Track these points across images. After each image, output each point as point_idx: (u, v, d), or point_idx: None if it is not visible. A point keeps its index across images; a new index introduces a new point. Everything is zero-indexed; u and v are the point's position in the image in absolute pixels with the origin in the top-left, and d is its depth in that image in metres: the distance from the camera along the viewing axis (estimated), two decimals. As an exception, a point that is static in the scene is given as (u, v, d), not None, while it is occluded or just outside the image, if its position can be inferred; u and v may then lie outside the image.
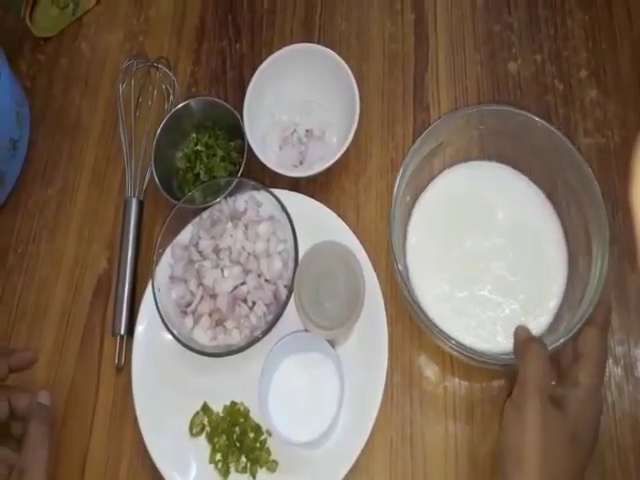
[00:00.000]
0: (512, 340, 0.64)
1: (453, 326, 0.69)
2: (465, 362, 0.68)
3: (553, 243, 0.72)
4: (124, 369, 0.76)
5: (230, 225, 0.75)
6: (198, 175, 0.82)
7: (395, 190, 0.68)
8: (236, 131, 0.80)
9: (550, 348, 0.61)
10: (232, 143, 0.83)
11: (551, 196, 0.73)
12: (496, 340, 0.69)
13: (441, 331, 0.65)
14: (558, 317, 0.69)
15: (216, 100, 0.82)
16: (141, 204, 0.83)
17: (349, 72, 0.78)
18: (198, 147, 0.83)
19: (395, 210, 0.68)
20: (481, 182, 0.75)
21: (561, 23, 0.85)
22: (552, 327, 0.69)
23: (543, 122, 0.68)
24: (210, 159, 0.82)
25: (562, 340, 0.62)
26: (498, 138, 0.73)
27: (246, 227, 0.76)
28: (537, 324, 0.69)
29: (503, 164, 0.75)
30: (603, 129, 0.80)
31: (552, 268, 0.71)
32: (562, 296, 0.70)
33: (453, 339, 0.65)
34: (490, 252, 0.72)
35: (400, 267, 0.66)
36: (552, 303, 0.70)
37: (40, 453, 0.64)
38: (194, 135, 0.84)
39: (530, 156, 0.73)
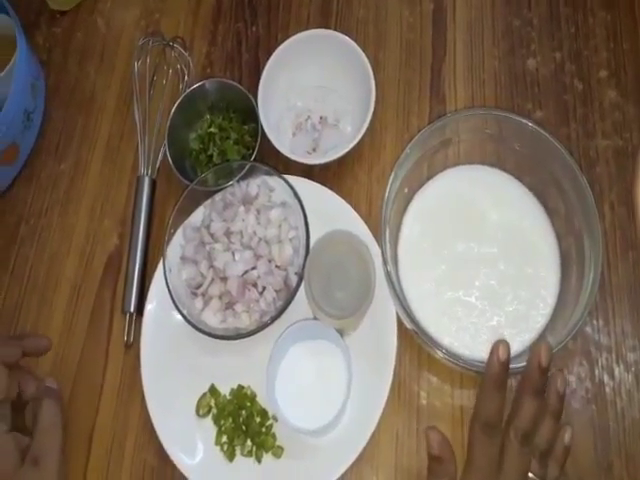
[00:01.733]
0: None
1: (435, 324, 0.70)
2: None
3: (547, 260, 0.71)
4: (133, 347, 0.77)
5: (242, 209, 0.75)
6: (211, 157, 0.82)
7: (391, 177, 0.68)
8: (250, 114, 0.79)
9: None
10: (246, 126, 0.82)
11: (548, 207, 0.73)
12: (477, 347, 0.69)
13: (422, 329, 0.66)
14: (542, 337, 0.69)
15: (231, 82, 0.82)
16: (154, 183, 0.83)
17: (365, 60, 0.78)
18: (212, 129, 0.83)
19: (388, 197, 0.68)
20: (480, 188, 0.75)
21: (582, 21, 0.85)
22: (535, 343, 0.69)
23: (538, 128, 0.68)
24: (223, 141, 0.82)
25: None
26: (501, 144, 0.73)
27: (258, 212, 0.76)
28: (521, 340, 0.69)
29: (504, 171, 0.75)
30: (622, 131, 0.79)
31: (543, 286, 0.70)
32: (550, 316, 0.69)
33: (431, 336, 0.66)
34: (481, 259, 0.72)
35: (389, 269, 0.66)
36: (539, 323, 0.69)
37: (53, 439, 0.65)
38: (208, 116, 0.84)
39: (532, 166, 0.72)
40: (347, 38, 0.79)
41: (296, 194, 0.74)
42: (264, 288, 0.73)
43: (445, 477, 0.56)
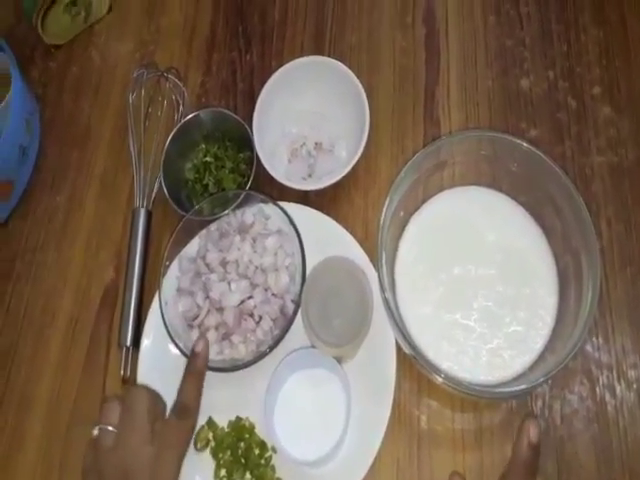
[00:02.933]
0: (493, 374, 0.66)
1: (434, 348, 0.69)
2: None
3: (544, 280, 0.70)
4: (130, 381, 0.76)
5: (238, 238, 0.75)
6: (207, 186, 0.82)
7: (387, 201, 0.68)
8: (245, 143, 0.79)
9: (529, 387, 0.62)
10: (241, 155, 0.82)
11: (545, 227, 0.72)
12: (477, 371, 0.68)
13: (421, 354, 0.65)
14: (542, 357, 0.68)
15: (225, 111, 0.82)
16: (149, 214, 0.82)
17: (359, 85, 0.78)
18: (207, 158, 0.83)
19: (384, 221, 0.67)
20: (476, 209, 0.74)
21: (575, 39, 0.85)
22: (534, 365, 0.68)
23: (532, 148, 0.68)
24: (219, 170, 0.82)
25: (541, 379, 0.61)
26: (496, 165, 0.73)
27: (254, 240, 0.75)
28: (521, 362, 0.68)
29: (500, 192, 0.75)
30: (616, 147, 0.79)
31: (542, 305, 0.69)
32: (549, 337, 0.68)
33: (430, 361, 0.65)
34: (479, 281, 0.71)
35: (387, 295, 0.65)
36: (538, 343, 0.68)
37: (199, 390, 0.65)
38: (203, 146, 0.84)
39: (528, 185, 0.72)
40: (341, 64, 0.79)
41: (292, 221, 0.73)
42: (261, 317, 0.72)
43: None
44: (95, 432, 0.59)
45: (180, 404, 0.63)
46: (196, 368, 0.66)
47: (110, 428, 0.59)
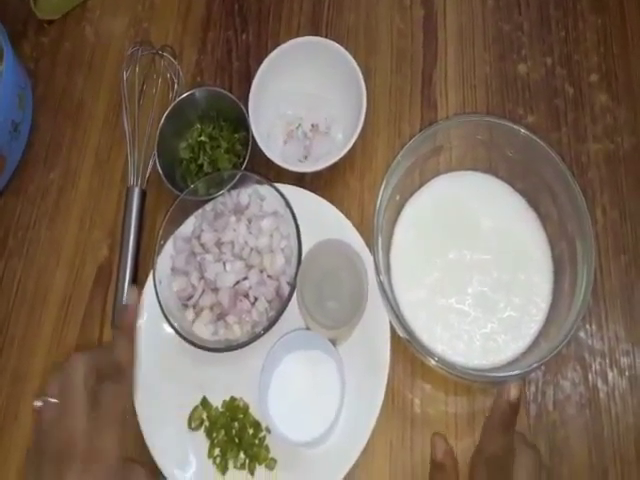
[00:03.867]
0: (487, 359, 0.66)
1: (428, 332, 0.69)
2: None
3: (539, 266, 0.71)
4: (123, 360, 0.76)
5: (233, 219, 0.75)
6: (202, 166, 0.81)
7: (383, 185, 0.68)
8: (241, 123, 0.79)
9: (522, 372, 0.62)
10: (236, 135, 0.82)
11: (541, 213, 0.73)
12: (470, 355, 0.69)
13: (415, 338, 0.66)
14: (536, 343, 0.68)
15: (221, 91, 0.81)
16: (144, 193, 0.82)
17: (356, 67, 0.77)
18: (202, 138, 0.82)
19: (380, 205, 0.67)
20: (472, 194, 0.75)
21: (573, 26, 0.85)
22: (528, 351, 0.68)
23: (530, 134, 0.68)
24: (214, 150, 0.81)
25: (534, 365, 0.62)
26: (493, 150, 0.73)
27: (249, 221, 0.75)
28: (515, 347, 0.68)
29: (496, 177, 0.75)
30: (613, 135, 0.80)
31: (536, 292, 0.70)
32: (543, 322, 0.69)
33: (424, 345, 0.66)
34: (474, 266, 0.72)
35: (382, 278, 0.65)
36: (532, 329, 0.69)
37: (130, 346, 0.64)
38: (198, 125, 0.83)
39: (524, 171, 0.72)
40: (337, 45, 0.79)
41: (287, 203, 0.73)
42: (256, 299, 0.72)
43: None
44: (38, 404, 0.57)
45: (113, 364, 0.61)
46: (124, 322, 0.65)
47: (53, 400, 0.57)
